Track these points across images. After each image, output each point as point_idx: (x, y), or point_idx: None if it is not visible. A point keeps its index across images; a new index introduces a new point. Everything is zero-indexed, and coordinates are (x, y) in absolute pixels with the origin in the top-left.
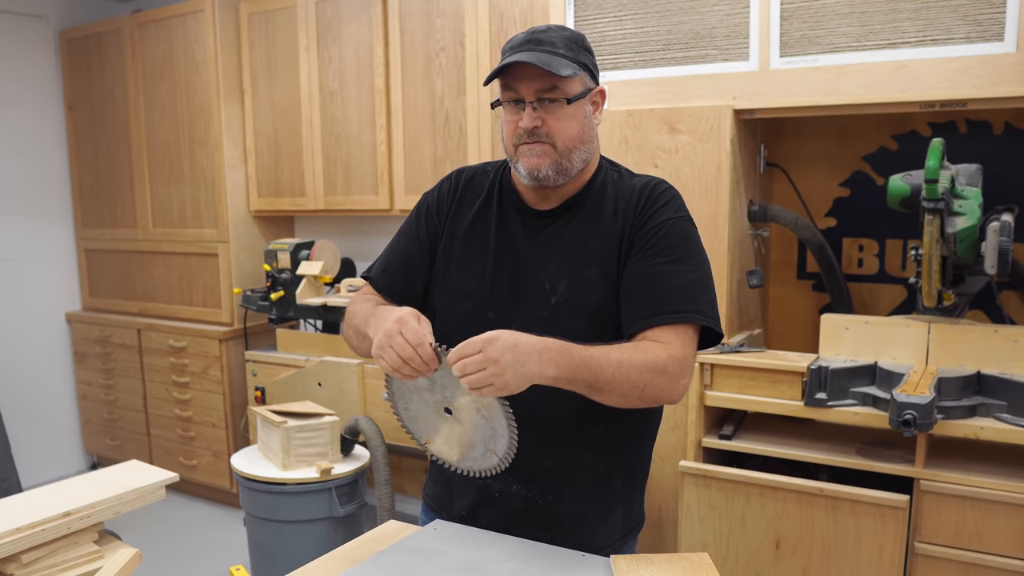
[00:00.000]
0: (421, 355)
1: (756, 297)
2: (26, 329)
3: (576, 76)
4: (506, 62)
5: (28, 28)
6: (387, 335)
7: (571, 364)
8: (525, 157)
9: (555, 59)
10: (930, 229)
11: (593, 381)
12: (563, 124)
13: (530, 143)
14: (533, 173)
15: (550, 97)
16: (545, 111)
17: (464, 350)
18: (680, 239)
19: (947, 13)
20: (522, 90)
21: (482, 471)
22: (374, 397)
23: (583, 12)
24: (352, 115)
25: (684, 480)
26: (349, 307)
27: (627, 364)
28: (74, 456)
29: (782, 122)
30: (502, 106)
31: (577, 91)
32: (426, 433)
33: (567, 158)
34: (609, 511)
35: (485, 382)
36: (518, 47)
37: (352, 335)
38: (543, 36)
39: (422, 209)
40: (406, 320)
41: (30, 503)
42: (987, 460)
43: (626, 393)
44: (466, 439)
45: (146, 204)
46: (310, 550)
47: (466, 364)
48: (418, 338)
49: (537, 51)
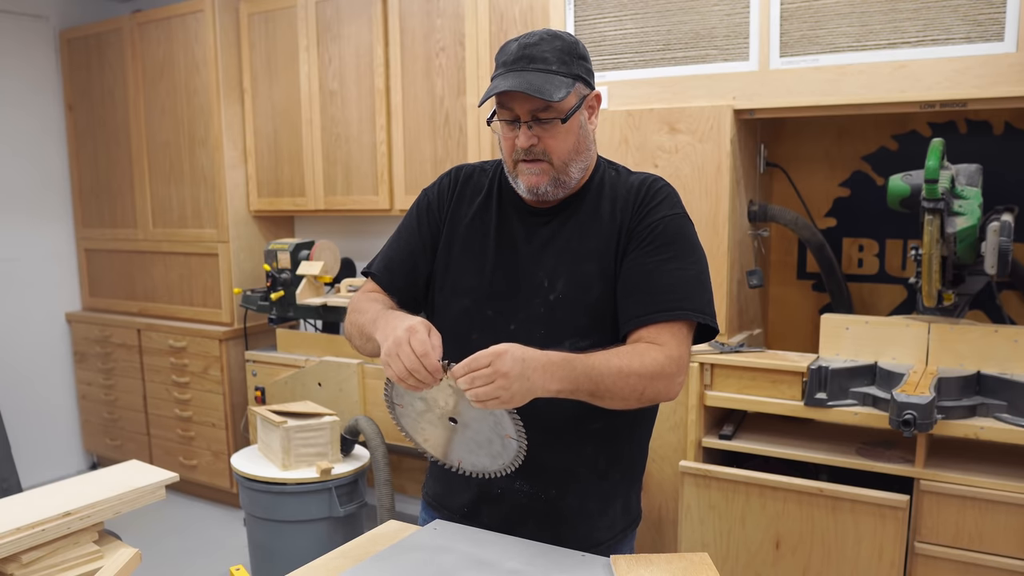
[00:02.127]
0: (426, 366)
1: (756, 297)
2: (26, 329)
3: (570, 93)
4: (497, 91)
5: (28, 28)
6: (396, 343)
7: (574, 376)
8: (524, 175)
9: (547, 81)
10: (930, 229)
11: (594, 390)
12: (558, 141)
13: (528, 162)
14: (533, 190)
15: (545, 117)
16: (541, 129)
17: (472, 364)
18: (677, 236)
19: (947, 13)
20: (516, 109)
21: (489, 472)
22: (374, 397)
23: (583, 12)
24: (352, 115)
25: (684, 480)
26: (353, 302)
27: (626, 370)
28: (74, 456)
29: (782, 122)
30: (496, 122)
31: (571, 105)
32: (427, 439)
33: (564, 172)
34: (609, 505)
35: (492, 395)
36: (510, 64)
37: (355, 333)
38: (535, 51)
39: (422, 205)
40: (416, 330)
41: (30, 503)
42: (987, 460)
43: (626, 398)
44: (472, 445)
45: (146, 204)
46: (310, 550)
47: (474, 377)
48: (424, 349)
49: (530, 71)
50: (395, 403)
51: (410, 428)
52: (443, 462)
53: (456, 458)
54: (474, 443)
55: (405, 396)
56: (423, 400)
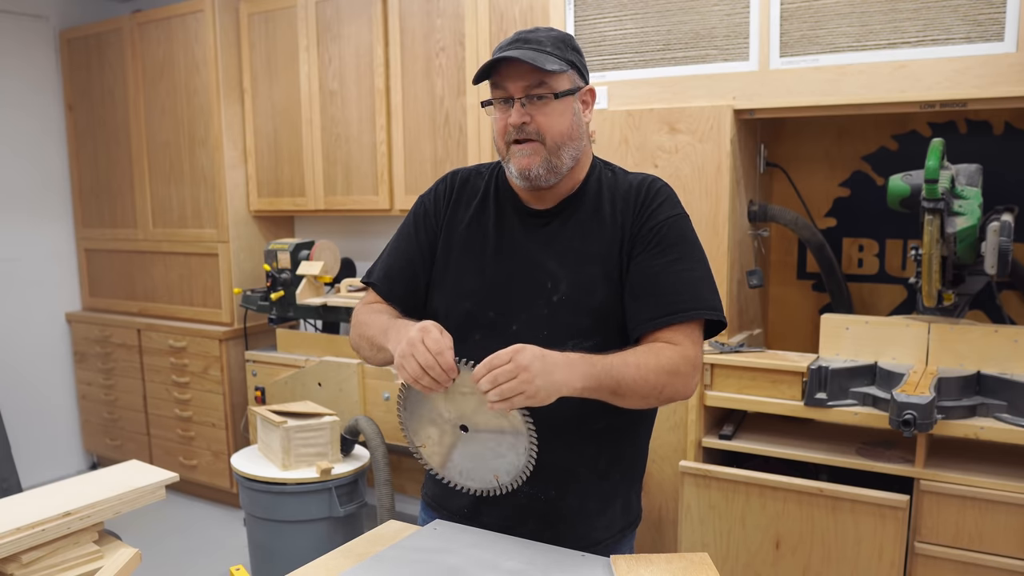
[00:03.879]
0: (441, 364)
1: (756, 297)
2: (26, 329)
3: (564, 73)
4: (493, 58)
5: (28, 28)
6: (410, 343)
7: (595, 373)
8: (516, 157)
9: (542, 55)
10: (930, 229)
11: (615, 387)
12: (551, 120)
13: (520, 142)
14: (524, 173)
15: (538, 93)
16: (533, 107)
17: (494, 361)
18: (681, 237)
19: (947, 13)
20: (510, 87)
21: (488, 490)
22: (374, 397)
23: (583, 12)
24: (352, 115)
25: (684, 480)
26: (357, 316)
27: (644, 368)
28: (74, 456)
29: (782, 122)
30: (492, 105)
31: (565, 87)
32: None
33: (556, 155)
34: (609, 504)
35: (516, 390)
36: (506, 47)
37: (365, 346)
38: (531, 36)
39: (419, 212)
40: (428, 329)
41: (30, 503)
42: (987, 460)
43: (646, 396)
44: (478, 456)
45: (146, 204)
46: (310, 550)
47: (497, 375)
48: (439, 347)
49: (524, 48)
50: (406, 408)
51: (414, 435)
52: (441, 475)
53: (456, 471)
54: (480, 454)
55: (419, 402)
56: (436, 405)
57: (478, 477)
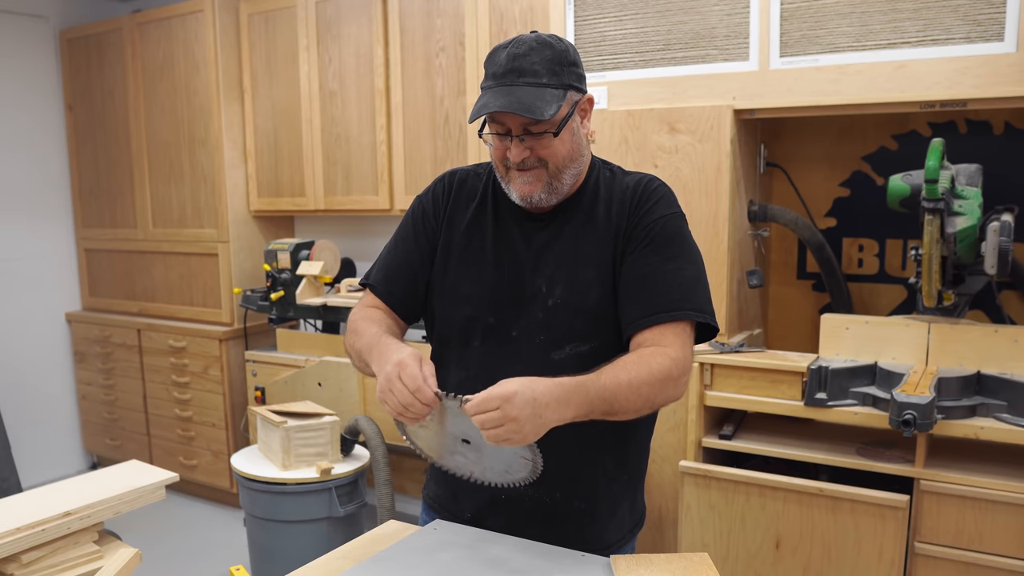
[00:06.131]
0: (420, 399)
1: (756, 297)
2: (26, 329)
3: (561, 105)
4: (487, 110)
5: (28, 28)
6: (387, 380)
7: (587, 400)
8: (517, 184)
9: (538, 96)
10: (930, 229)
11: (608, 409)
12: (552, 151)
13: (522, 170)
14: (527, 199)
15: (536, 131)
16: (533, 141)
17: (482, 406)
18: (674, 236)
19: (947, 13)
20: (507, 123)
21: (505, 484)
22: (374, 397)
23: (583, 12)
24: (352, 115)
25: (684, 480)
26: (352, 322)
27: (637, 382)
28: (74, 456)
29: (782, 122)
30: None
31: (563, 116)
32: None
33: (558, 178)
34: (617, 505)
35: (503, 437)
36: (500, 77)
37: (354, 356)
38: (524, 64)
39: (417, 213)
40: (405, 364)
41: (30, 503)
42: (987, 460)
43: (639, 409)
44: (485, 463)
45: (146, 204)
46: (310, 550)
47: (484, 420)
48: (415, 383)
49: (519, 85)
50: (407, 436)
51: (426, 448)
52: (461, 475)
53: (468, 471)
54: (487, 463)
55: (415, 430)
56: (434, 425)
57: (486, 478)
